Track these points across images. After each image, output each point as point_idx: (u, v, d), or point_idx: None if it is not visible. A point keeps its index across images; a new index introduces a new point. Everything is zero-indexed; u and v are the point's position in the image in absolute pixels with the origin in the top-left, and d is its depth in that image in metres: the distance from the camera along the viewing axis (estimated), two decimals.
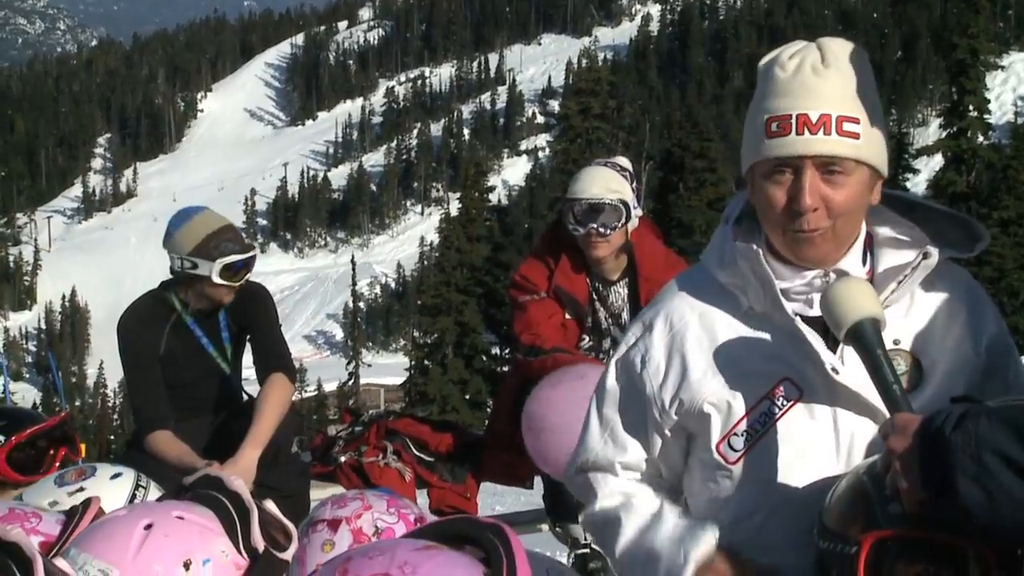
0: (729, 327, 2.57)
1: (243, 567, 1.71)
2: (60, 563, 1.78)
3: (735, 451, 2.53)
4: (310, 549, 2.76)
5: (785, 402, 2.49)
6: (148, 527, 1.71)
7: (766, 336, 2.51)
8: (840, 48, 2.43)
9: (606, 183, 5.41)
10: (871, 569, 2.05)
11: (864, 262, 2.53)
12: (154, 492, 3.69)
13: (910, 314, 2.52)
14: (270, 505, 1.84)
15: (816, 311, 2.45)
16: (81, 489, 3.58)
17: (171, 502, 1.78)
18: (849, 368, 2.43)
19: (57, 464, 5.06)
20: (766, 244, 2.53)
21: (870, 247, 2.55)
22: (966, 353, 2.50)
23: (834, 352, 2.47)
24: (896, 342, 2.49)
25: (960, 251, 2.50)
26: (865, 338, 2.27)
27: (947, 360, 2.48)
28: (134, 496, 3.61)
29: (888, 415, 2.20)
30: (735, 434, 2.53)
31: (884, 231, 2.54)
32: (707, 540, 2.49)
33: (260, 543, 1.72)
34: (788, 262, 2.51)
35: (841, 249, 2.48)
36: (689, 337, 2.60)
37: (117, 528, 1.70)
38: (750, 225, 2.59)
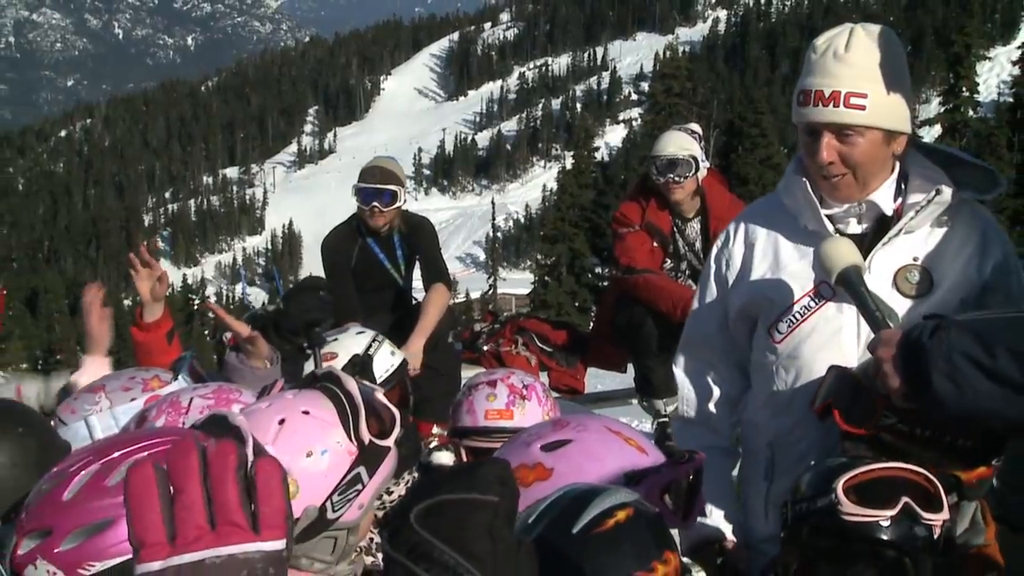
0: (788, 240, 2.56)
1: (354, 453, 1.68)
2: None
3: (780, 333, 2.53)
4: (476, 399, 3.01)
5: (820, 299, 2.48)
6: (281, 422, 1.68)
7: (814, 248, 2.44)
8: (866, 34, 2.35)
9: (679, 143, 5.37)
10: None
11: (898, 196, 2.46)
12: (386, 346, 3.71)
13: (929, 238, 2.45)
14: (380, 395, 1.81)
15: (853, 229, 2.46)
16: (336, 339, 3.61)
17: (304, 396, 1.75)
18: (873, 276, 2.39)
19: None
20: None
21: (906, 184, 2.47)
22: (970, 272, 2.42)
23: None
24: (915, 259, 2.44)
25: (981, 193, 2.43)
26: (850, 279, 2.25)
27: (953, 275, 2.42)
28: (370, 346, 3.62)
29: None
30: (781, 320, 2.52)
31: (916, 173, 2.46)
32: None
33: (366, 436, 1.70)
34: None
35: (866, 189, 2.43)
36: (757, 247, 2.61)
37: (261, 422, 1.66)
38: None
